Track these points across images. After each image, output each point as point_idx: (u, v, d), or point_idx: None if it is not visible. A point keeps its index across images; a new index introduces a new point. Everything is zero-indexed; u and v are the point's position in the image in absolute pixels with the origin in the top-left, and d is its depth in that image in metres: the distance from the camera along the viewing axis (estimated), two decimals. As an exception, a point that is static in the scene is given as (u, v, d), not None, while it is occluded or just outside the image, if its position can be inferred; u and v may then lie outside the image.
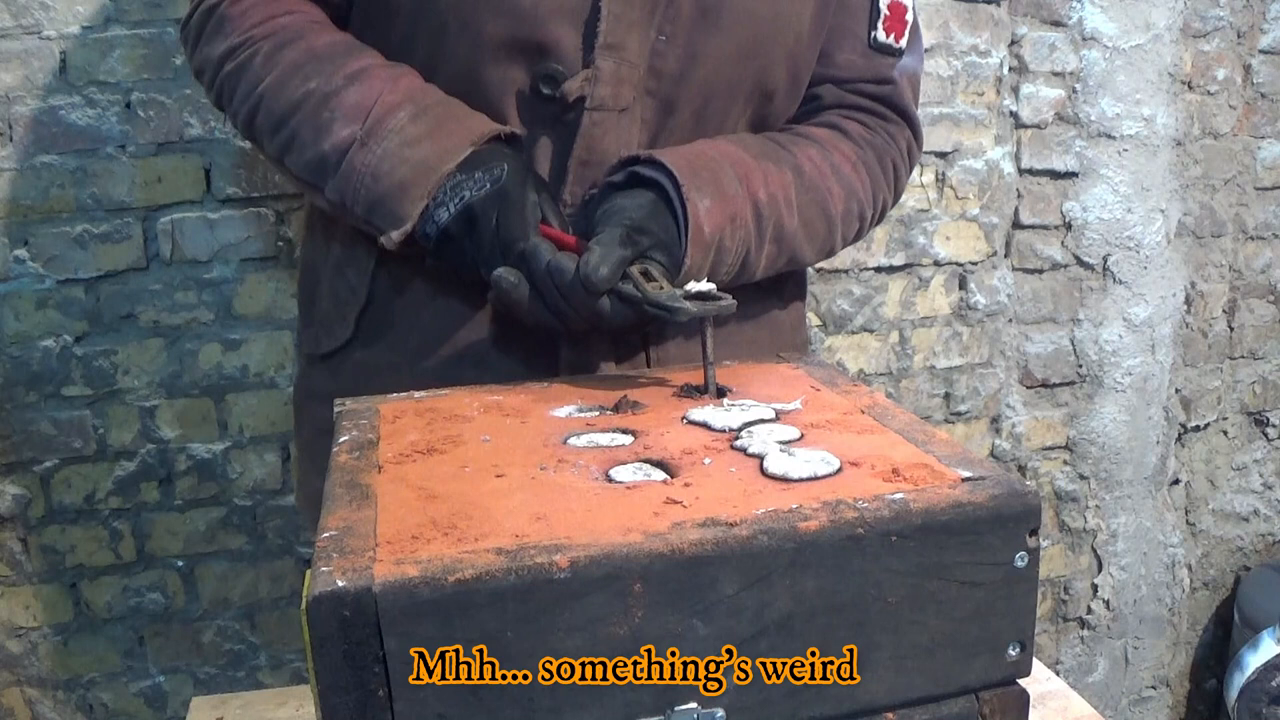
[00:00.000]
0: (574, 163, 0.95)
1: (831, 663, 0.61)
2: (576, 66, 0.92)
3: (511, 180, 0.88)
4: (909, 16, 1.08)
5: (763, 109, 1.03)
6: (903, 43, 1.07)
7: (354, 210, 0.91)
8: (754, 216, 0.96)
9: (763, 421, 0.76)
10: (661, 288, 0.86)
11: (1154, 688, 2.38)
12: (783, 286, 1.11)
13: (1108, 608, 2.28)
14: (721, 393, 0.85)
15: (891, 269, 1.99)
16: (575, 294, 0.85)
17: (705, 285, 0.86)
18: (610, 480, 0.66)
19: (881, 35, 1.06)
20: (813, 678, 0.61)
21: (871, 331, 2.00)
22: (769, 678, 0.60)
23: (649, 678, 0.58)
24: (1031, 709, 0.67)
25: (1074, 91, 2.02)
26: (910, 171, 1.13)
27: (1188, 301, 2.24)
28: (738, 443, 0.71)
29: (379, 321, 1.02)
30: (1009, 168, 2.03)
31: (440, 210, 0.88)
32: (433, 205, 0.89)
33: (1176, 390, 2.27)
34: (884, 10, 1.05)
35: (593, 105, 0.93)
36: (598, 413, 0.81)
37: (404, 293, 1.00)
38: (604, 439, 0.74)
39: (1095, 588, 2.26)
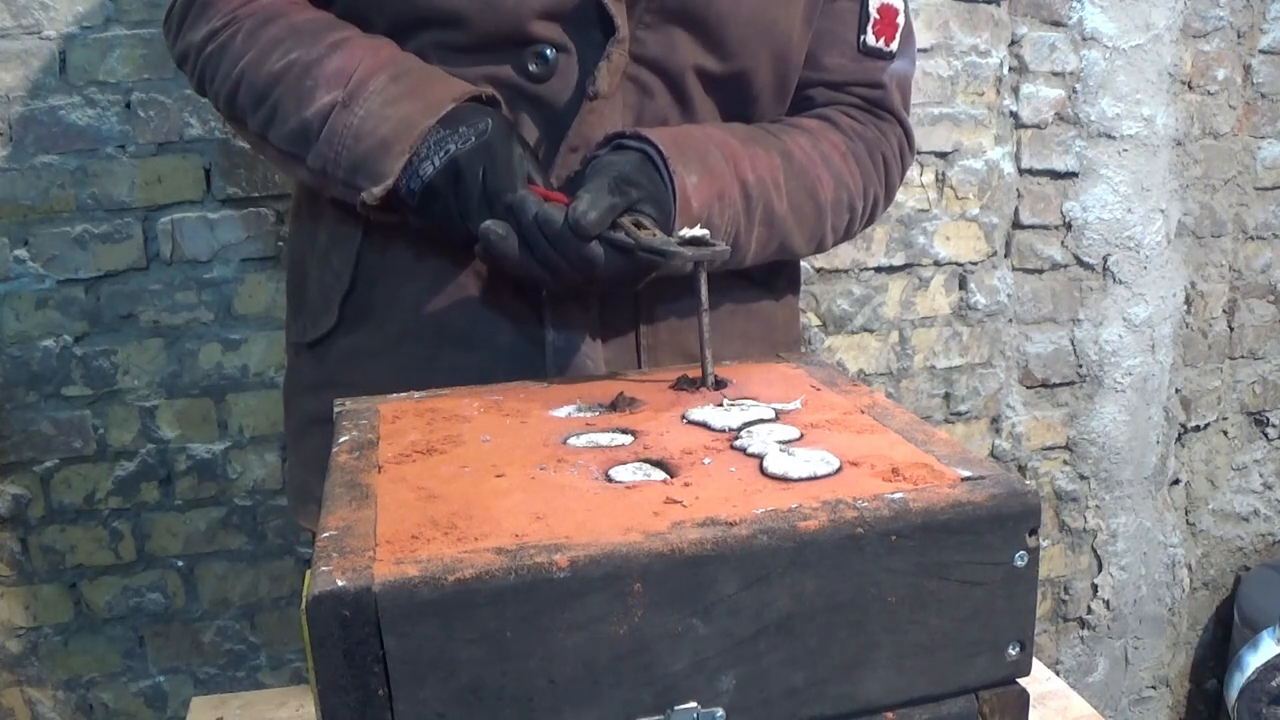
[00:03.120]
0: (564, 148, 0.95)
1: (831, 662, 0.61)
2: (565, 52, 0.93)
3: (496, 134, 0.88)
4: (900, 19, 1.07)
5: (746, 108, 1.03)
6: (893, 46, 1.07)
7: (336, 175, 0.91)
8: (742, 197, 0.96)
9: (762, 421, 0.76)
10: (654, 235, 0.85)
11: (1154, 688, 2.38)
12: (776, 280, 1.11)
13: (1108, 608, 2.28)
14: (720, 384, 0.85)
15: (891, 269, 1.99)
16: (565, 242, 0.85)
17: (699, 231, 0.85)
18: (610, 480, 0.66)
19: (871, 39, 1.06)
20: (813, 678, 0.61)
21: (871, 331, 2.00)
22: (769, 678, 0.60)
23: (649, 678, 0.58)
24: (1031, 709, 0.67)
25: (1074, 91, 2.02)
26: (903, 171, 1.13)
27: (1188, 301, 2.24)
28: (737, 442, 0.71)
29: (362, 305, 1.02)
30: (1009, 168, 2.03)
31: (425, 164, 0.88)
32: (416, 160, 0.88)
33: (1176, 390, 2.27)
34: (874, 14, 1.05)
35: (594, 95, 0.93)
36: (597, 412, 0.81)
37: (386, 275, 1.00)
38: (603, 439, 0.74)
39: (1095, 588, 2.26)
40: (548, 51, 0.93)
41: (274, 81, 0.92)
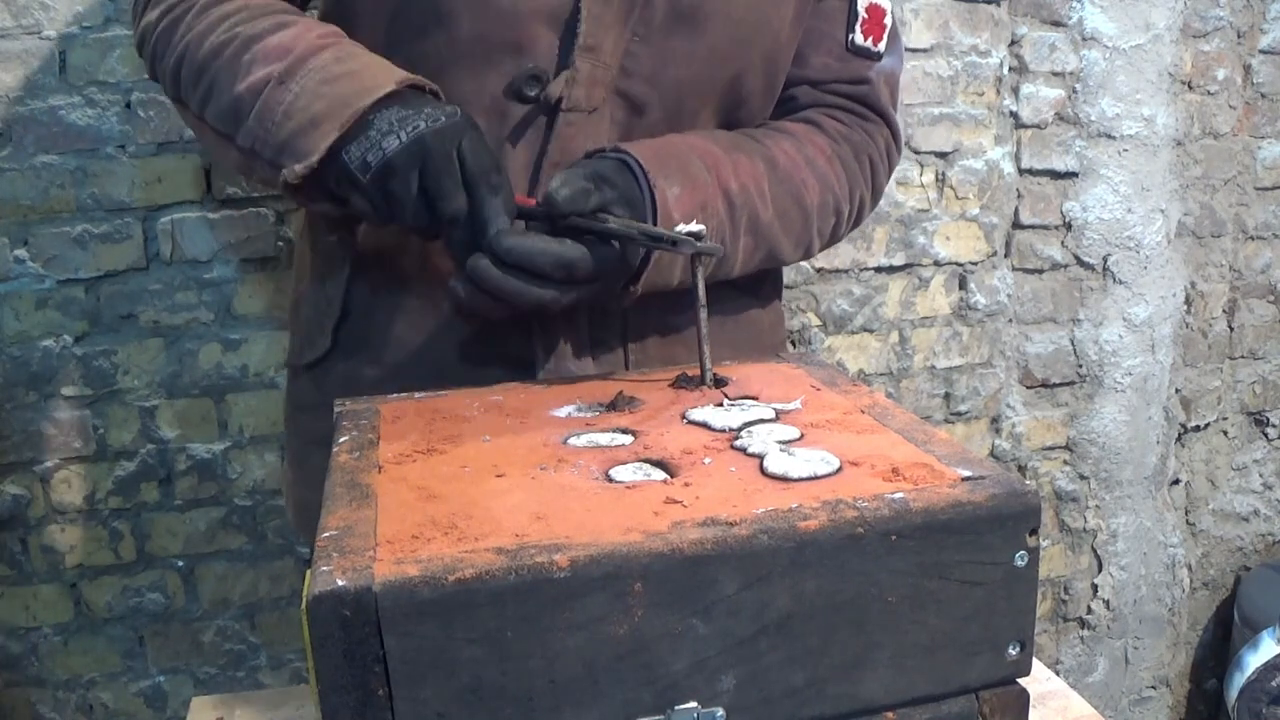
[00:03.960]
0: (547, 164, 0.94)
1: (831, 662, 0.61)
2: (552, 67, 0.92)
3: (466, 120, 0.85)
4: (888, 20, 1.07)
5: (736, 111, 1.02)
6: (880, 45, 1.07)
7: (263, 154, 0.87)
8: (726, 206, 0.95)
9: (763, 421, 0.76)
10: (655, 228, 0.85)
11: (1154, 688, 2.38)
12: (760, 286, 1.11)
13: (1108, 608, 2.28)
14: (720, 382, 0.85)
15: (891, 269, 1.99)
16: (542, 255, 0.82)
17: (695, 226, 0.85)
18: (610, 480, 0.66)
19: (859, 38, 1.05)
20: (813, 677, 0.61)
21: (871, 331, 2.00)
22: (769, 677, 0.60)
23: (649, 677, 0.58)
24: (1031, 709, 0.67)
25: (1074, 91, 2.02)
26: (890, 171, 1.12)
27: (1188, 301, 2.24)
28: (738, 442, 0.71)
29: (356, 334, 1.01)
30: (1009, 168, 2.03)
31: (388, 138, 0.83)
32: (377, 134, 0.83)
33: (1176, 390, 2.27)
34: (862, 13, 1.05)
35: (568, 107, 0.92)
36: (596, 412, 0.81)
37: (375, 311, 0.99)
38: (604, 439, 0.74)
39: (1095, 588, 2.26)
40: (540, 70, 0.92)
41: (213, 55, 0.89)
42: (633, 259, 0.88)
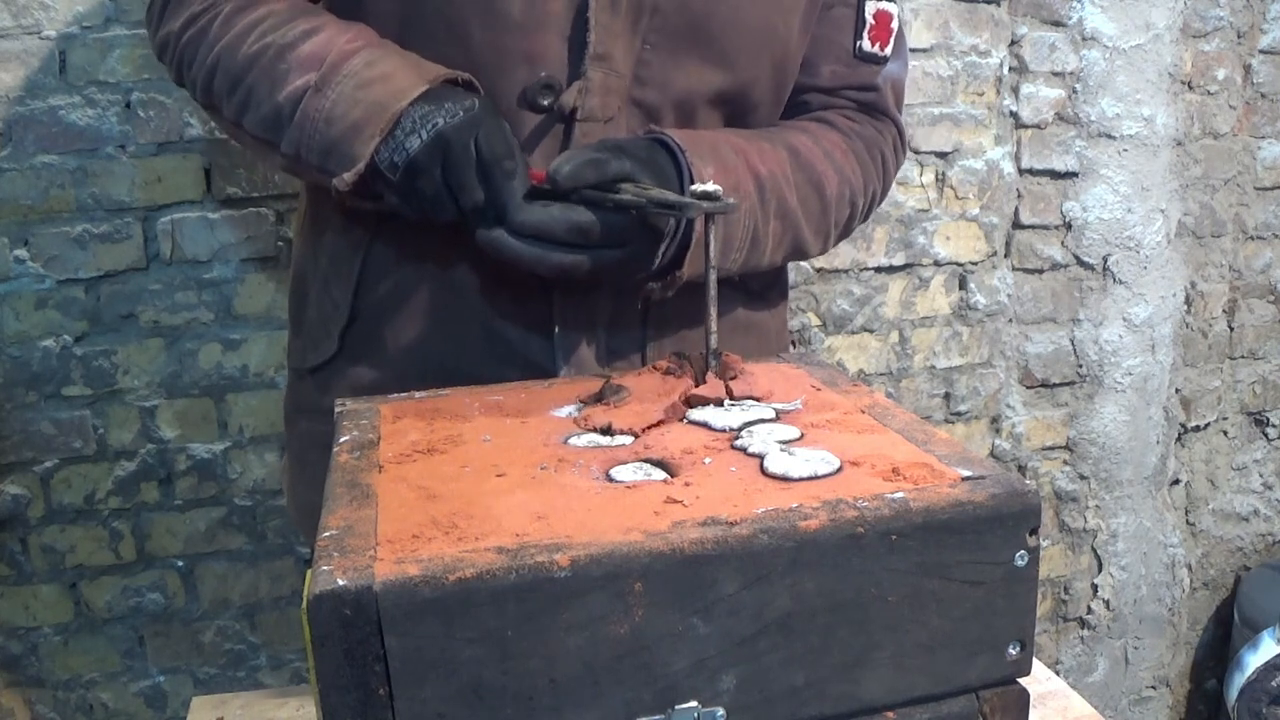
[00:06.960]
0: None
1: (832, 662, 0.61)
2: (563, 76, 0.92)
3: (485, 110, 0.87)
4: (894, 24, 1.08)
5: (745, 118, 1.03)
6: (887, 50, 1.08)
7: (309, 160, 0.90)
8: (756, 189, 0.96)
9: (763, 421, 0.76)
10: (665, 193, 0.85)
11: (1154, 688, 2.38)
12: (770, 291, 1.12)
13: (1108, 608, 2.28)
14: (728, 375, 0.84)
15: (891, 269, 1.99)
16: (553, 222, 0.84)
17: (710, 186, 0.85)
18: (611, 480, 0.66)
19: (867, 45, 1.06)
20: (813, 677, 0.61)
21: (871, 331, 2.00)
22: (769, 677, 0.60)
23: (650, 677, 0.58)
24: (1031, 709, 0.67)
25: (1074, 91, 2.02)
26: (898, 169, 1.14)
27: (1188, 301, 2.24)
28: (738, 442, 0.71)
29: (364, 339, 1.01)
30: (1009, 168, 2.03)
31: (410, 138, 0.86)
32: (401, 134, 0.86)
33: (1176, 390, 2.27)
34: (869, 20, 1.05)
35: (582, 116, 0.93)
36: (587, 405, 0.80)
37: (388, 313, 0.99)
38: (604, 439, 0.74)
39: (1095, 588, 2.26)
40: (554, 79, 0.92)
41: (248, 66, 0.91)
42: (658, 225, 0.89)
